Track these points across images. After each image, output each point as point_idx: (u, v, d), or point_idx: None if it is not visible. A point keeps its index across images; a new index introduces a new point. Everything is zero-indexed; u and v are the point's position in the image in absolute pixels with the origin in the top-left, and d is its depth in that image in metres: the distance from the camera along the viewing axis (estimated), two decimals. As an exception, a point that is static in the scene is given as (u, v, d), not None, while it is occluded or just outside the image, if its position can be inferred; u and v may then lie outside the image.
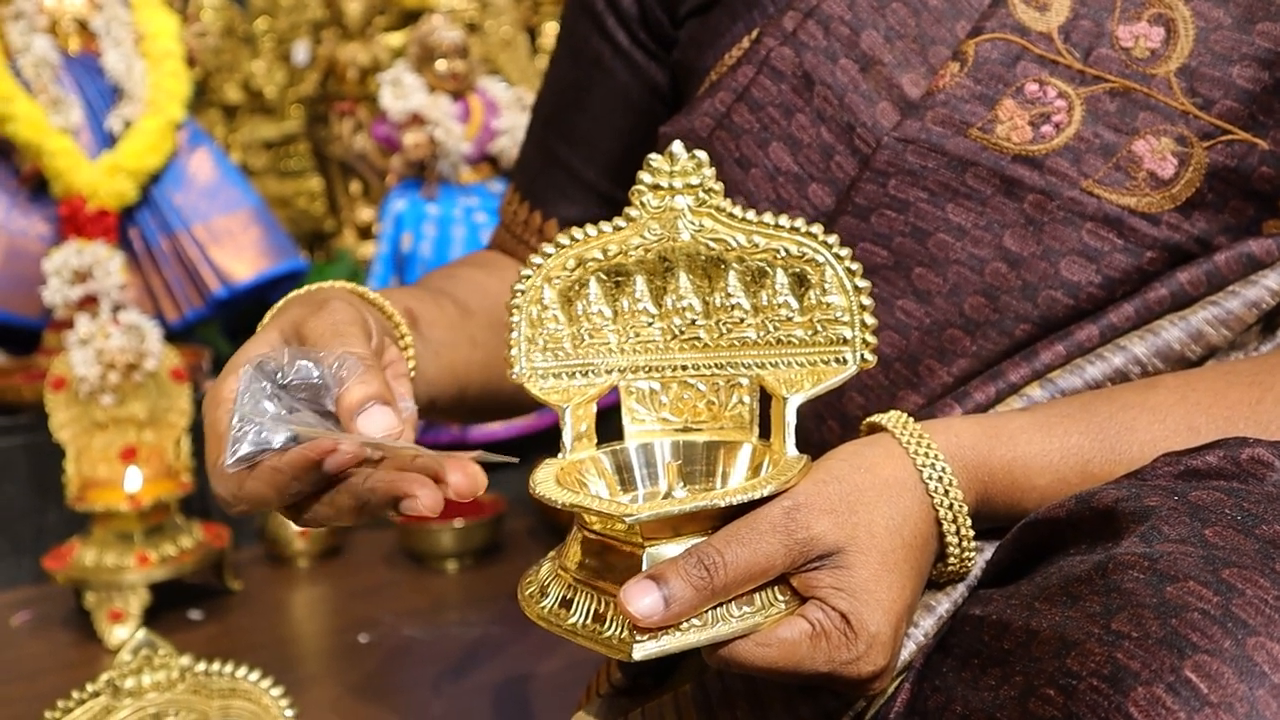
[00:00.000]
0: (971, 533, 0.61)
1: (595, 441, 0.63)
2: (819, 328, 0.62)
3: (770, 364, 0.63)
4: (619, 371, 0.64)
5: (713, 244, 0.62)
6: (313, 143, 3.06)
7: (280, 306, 0.70)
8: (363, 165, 2.82)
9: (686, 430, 0.65)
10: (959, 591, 0.64)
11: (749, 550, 0.54)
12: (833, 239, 0.61)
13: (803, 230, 0.61)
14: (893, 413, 0.64)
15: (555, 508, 0.56)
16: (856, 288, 0.61)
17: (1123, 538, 0.53)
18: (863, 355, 0.61)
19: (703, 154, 0.62)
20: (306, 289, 0.72)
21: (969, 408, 0.71)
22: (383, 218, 2.25)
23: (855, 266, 0.61)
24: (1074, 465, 0.63)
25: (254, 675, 1.00)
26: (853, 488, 0.58)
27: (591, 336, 0.64)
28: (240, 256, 2.25)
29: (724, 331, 0.64)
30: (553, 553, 0.62)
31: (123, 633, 1.60)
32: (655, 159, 0.62)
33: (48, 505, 1.86)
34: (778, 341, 0.63)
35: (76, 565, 1.63)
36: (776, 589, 0.57)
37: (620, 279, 0.64)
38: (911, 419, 0.63)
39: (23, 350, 2.09)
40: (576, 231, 0.62)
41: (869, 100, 0.74)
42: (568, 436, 0.61)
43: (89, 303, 1.88)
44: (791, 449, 0.60)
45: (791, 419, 0.61)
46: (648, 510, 0.53)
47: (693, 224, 0.62)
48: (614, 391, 0.65)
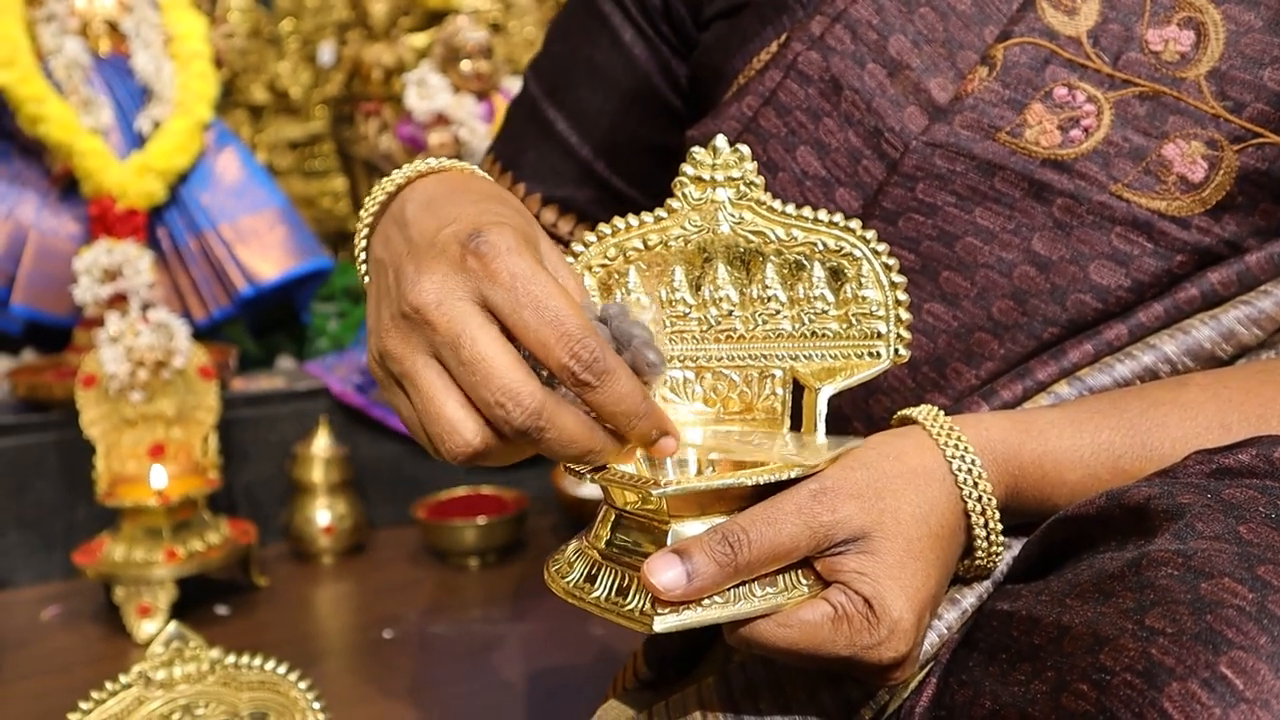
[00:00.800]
0: (1000, 527, 0.62)
1: None
2: (854, 321, 0.63)
3: (804, 356, 0.64)
4: None
5: (751, 236, 0.63)
6: (338, 143, 3.07)
7: (484, 195, 0.64)
8: (388, 165, 2.83)
9: (719, 420, 0.65)
10: (984, 586, 0.65)
11: (774, 530, 0.55)
12: (870, 234, 0.62)
13: (841, 224, 0.62)
14: (924, 406, 0.65)
15: (578, 505, 0.57)
16: (893, 283, 0.62)
17: (1156, 535, 0.53)
18: (897, 350, 0.62)
19: (745, 148, 0.63)
20: (471, 176, 0.69)
21: (996, 405, 0.71)
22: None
23: (892, 262, 0.62)
24: (1105, 461, 0.63)
25: (283, 668, 1.01)
26: (880, 474, 0.59)
27: None
28: (266, 256, 2.27)
29: (759, 323, 0.64)
30: (581, 533, 0.63)
31: (151, 627, 1.62)
32: (698, 152, 0.63)
33: (78, 501, 1.88)
34: (812, 334, 0.64)
35: (106, 560, 1.65)
36: (800, 572, 0.57)
37: (659, 268, 0.65)
38: (942, 412, 0.64)
39: (53, 348, 2.11)
40: (619, 221, 0.63)
41: (897, 105, 0.74)
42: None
43: (119, 301, 1.90)
44: (822, 438, 0.61)
45: (823, 408, 0.62)
46: (675, 485, 0.54)
47: (732, 216, 0.63)
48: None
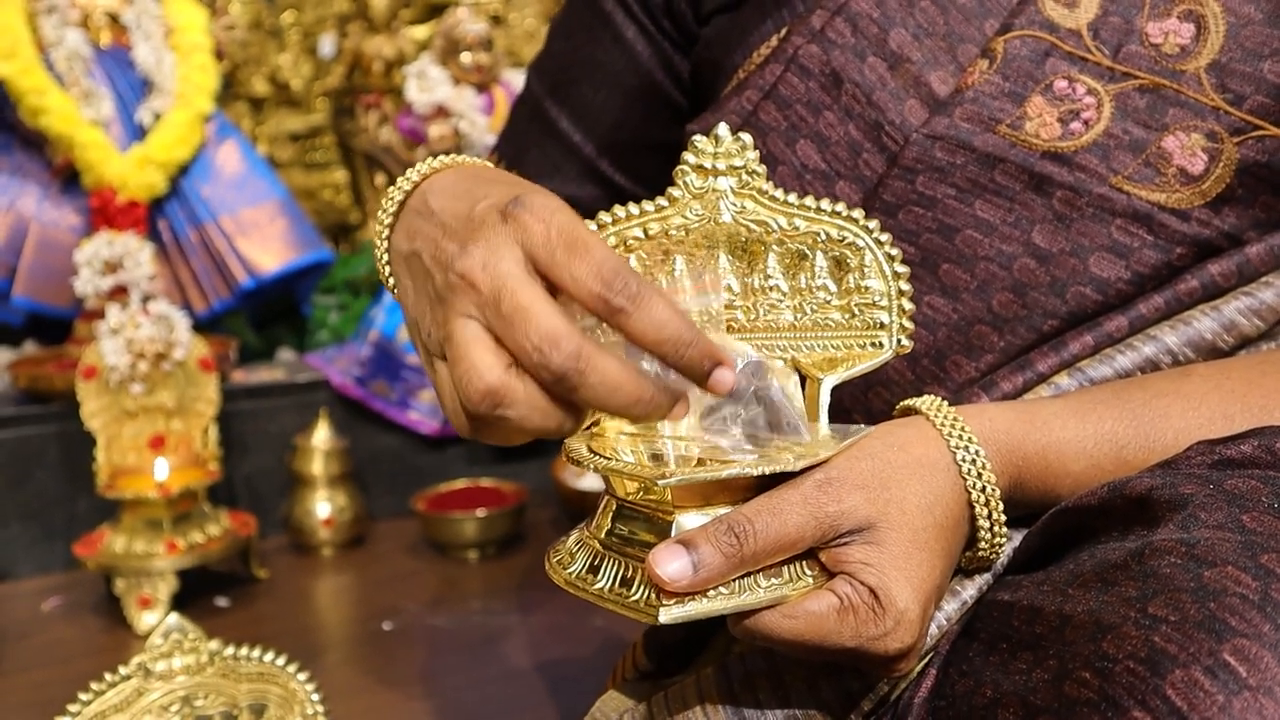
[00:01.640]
0: (1004, 518, 0.62)
1: None
2: (856, 311, 0.63)
3: (806, 346, 0.64)
4: None
5: (753, 226, 0.63)
6: (338, 135, 3.07)
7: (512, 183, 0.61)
8: (388, 157, 2.83)
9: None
10: (984, 578, 0.65)
11: (779, 520, 0.54)
12: (873, 224, 0.62)
13: (844, 214, 0.62)
14: (927, 396, 0.65)
15: (578, 497, 0.57)
16: (895, 273, 0.62)
17: (1159, 525, 0.53)
18: (899, 340, 0.62)
19: (747, 136, 0.62)
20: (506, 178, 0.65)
21: (996, 397, 0.71)
22: (407, 210, 2.25)
23: (895, 252, 0.62)
24: (1108, 452, 0.63)
25: (281, 660, 1.02)
26: (885, 465, 0.59)
27: None
28: (267, 248, 2.26)
29: (761, 313, 0.64)
30: (582, 524, 0.63)
31: (151, 618, 1.62)
32: (700, 140, 0.62)
33: (78, 493, 1.89)
34: (814, 324, 0.64)
35: (106, 552, 1.65)
36: (805, 563, 0.57)
37: (660, 258, 0.64)
38: (945, 403, 0.64)
39: (54, 340, 2.11)
40: (619, 209, 0.63)
41: (897, 98, 0.74)
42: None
43: (119, 293, 1.90)
44: (825, 428, 0.60)
45: (825, 399, 0.61)
46: (679, 475, 0.54)
47: (734, 205, 0.62)
48: None
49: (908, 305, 0.62)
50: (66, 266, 1.97)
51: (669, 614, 0.54)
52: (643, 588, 0.55)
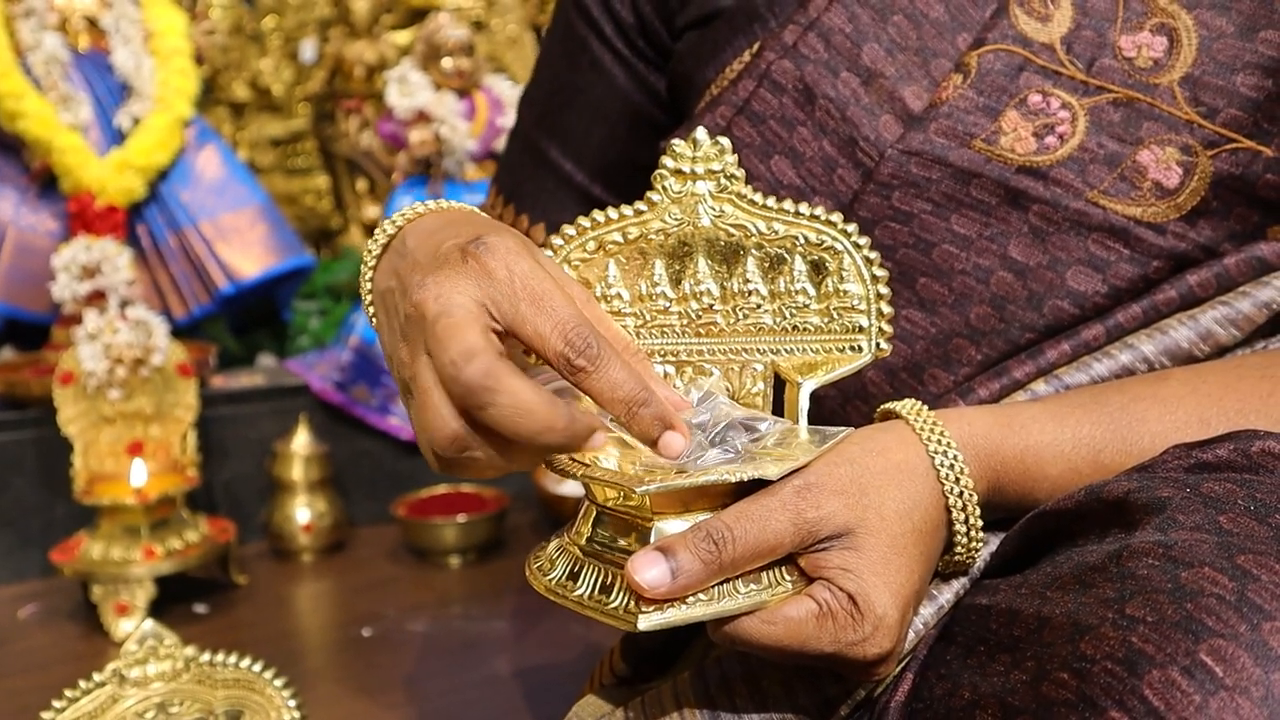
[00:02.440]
0: (980, 523, 0.62)
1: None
2: (835, 315, 0.63)
3: (785, 350, 0.64)
4: None
5: (732, 230, 0.63)
6: (320, 140, 3.07)
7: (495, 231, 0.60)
8: (369, 162, 2.83)
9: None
10: (961, 583, 0.65)
11: (758, 527, 0.54)
12: (852, 227, 0.62)
13: (822, 218, 0.62)
14: (907, 400, 0.65)
15: (559, 503, 0.57)
16: (874, 276, 0.62)
17: (1137, 528, 0.53)
18: (878, 344, 0.62)
19: (725, 140, 0.62)
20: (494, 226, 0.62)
21: (972, 403, 0.71)
22: (388, 214, 2.25)
23: (873, 255, 0.62)
24: (1086, 455, 0.64)
25: (258, 666, 1.01)
26: (864, 470, 0.59)
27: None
28: (247, 253, 2.26)
29: (740, 317, 0.64)
30: (562, 530, 0.63)
31: (129, 625, 1.61)
32: (678, 144, 0.62)
33: (55, 499, 1.87)
34: (793, 328, 0.64)
35: (83, 558, 1.64)
36: (784, 568, 0.57)
37: (639, 262, 0.64)
38: (925, 407, 0.64)
39: (31, 345, 2.10)
40: (598, 214, 0.63)
41: (871, 113, 0.74)
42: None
43: (97, 298, 1.89)
44: (804, 432, 0.60)
45: (804, 404, 0.61)
46: (657, 483, 0.53)
47: (713, 209, 0.62)
48: None
49: (886, 309, 0.62)
50: (44, 271, 1.96)
51: (648, 621, 0.54)
52: (622, 594, 0.55)
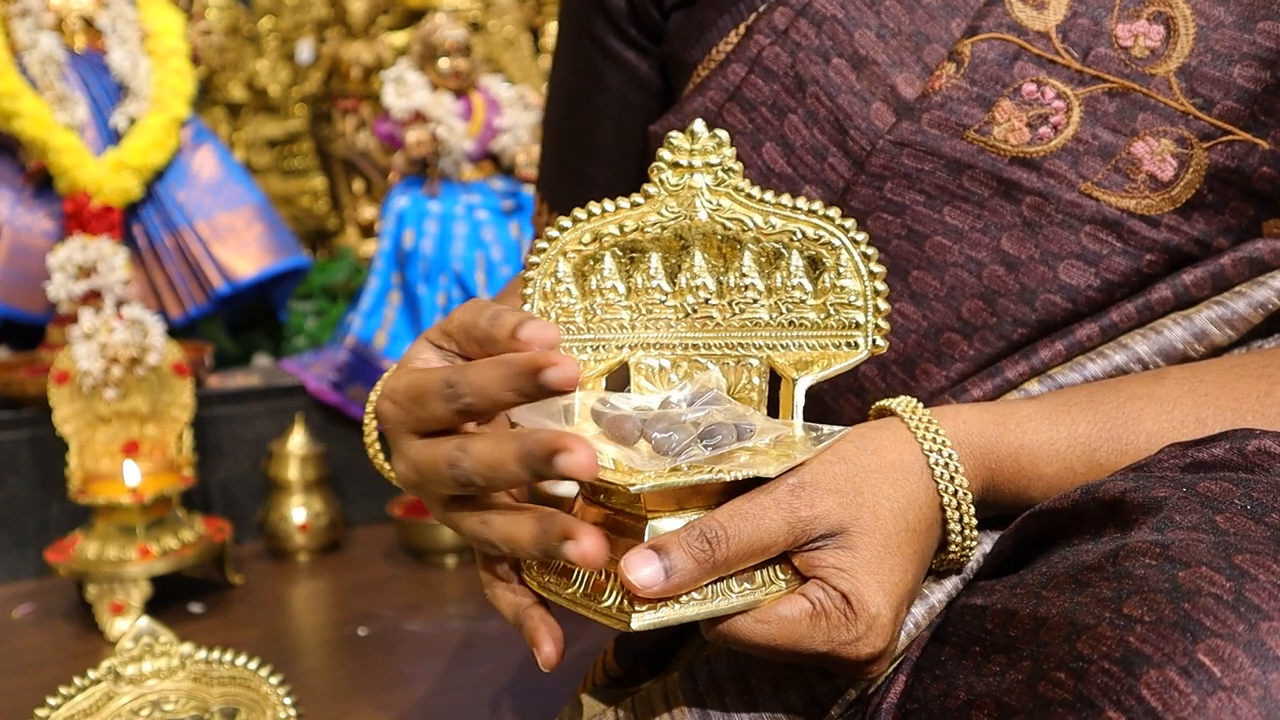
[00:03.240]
0: (974, 521, 0.61)
1: None
2: (832, 311, 0.62)
3: (781, 345, 0.63)
4: (630, 347, 0.64)
5: (729, 224, 0.62)
6: (316, 141, 3.07)
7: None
8: (365, 163, 2.83)
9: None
10: (953, 582, 0.64)
11: (752, 525, 0.54)
12: (849, 223, 0.61)
13: (820, 213, 0.61)
14: (902, 398, 0.64)
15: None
16: (871, 272, 0.61)
17: (1133, 528, 0.53)
18: (875, 340, 0.61)
19: (723, 133, 0.61)
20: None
21: (966, 403, 0.70)
22: (385, 215, 2.25)
23: (871, 251, 0.61)
24: (1081, 454, 0.63)
25: (254, 664, 1.01)
26: (859, 469, 0.58)
27: (604, 312, 0.63)
28: (243, 253, 2.26)
29: (736, 311, 0.63)
30: None
31: (124, 625, 1.61)
32: (675, 137, 0.61)
33: (51, 499, 1.87)
34: (790, 324, 0.63)
35: (79, 558, 1.64)
36: (778, 567, 0.57)
37: (635, 255, 0.63)
38: (920, 404, 0.63)
39: (27, 345, 2.10)
40: (594, 206, 0.62)
41: (863, 101, 0.73)
42: (576, 411, 0.61)
43: (93, 298, 1.89)
44: (800, 430, 0.60)
45: (800, 400, 0.61)
46: (651, 481, 0.53)
47: (710, 203, 0.62)
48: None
49: (883, 305, 0.61)
50: (40, 271, 1.96)
51: (641, 620, 0.53)
52: (615, 593, 0.55)
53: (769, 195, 0.61)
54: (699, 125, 0.61)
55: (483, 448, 0.53)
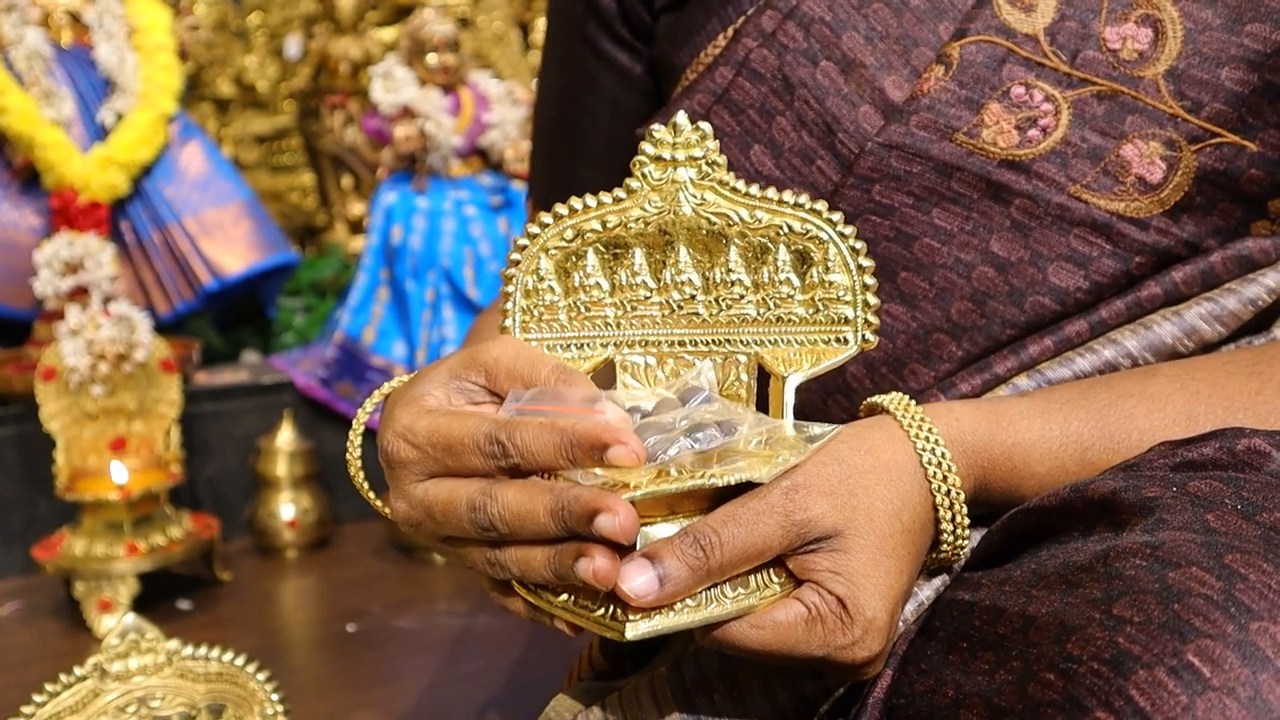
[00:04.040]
0: (967, 520, 0.61)
1: None
2: (820, 306, 0.61)
3: (769, 342, 0.62)
4: (614, 345, 0.63)
5: (714, 218, 0.60)
6: (305, 137, 3.06)
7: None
8: (354, 158, 2.82)
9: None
10: (941, 578, 0.64)
11: (746, 530, 0.53)
12: (837, 216, 0.60)
13: (807, 207, 0.60)
14: (894, 394, 0.63)
15: None
16: (860, 267, 0.60)
17: (1125, 529, 0.53)
18: (864, 335, 0.60)
19: (707, 126, 0.60)
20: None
21: (954, 397, 0.70)
22: (373, 211, 2.25)
23: (859, 245, 0.60)
24: (1073, 452, 0.63)
25: (241, 660, 1.01)
26: (852, 470, 0.57)
27: (588, 309, 0.62)
28: (231, 249, 2.25)
29: (723, 307, 0.62)
30: None
31: (112, 622, 1.60)
32: (658, 130, 0.60)
33: (38, 496, 1.86)
34: (777, 319, 0.62)
35: (66, 555, 1.63)
36: (771, 571, 0.56)
37: (619, 251, 0.62)
38: (913, 401, 0.62)
39: (13, 341, 2.09)
40: (575, 202, 0.60)
41: (851, 104, 0.73)
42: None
43: (80, 294, 1.88)
44: (789, 428, 0.59)
45: (790, 398, 0.60)
46: (643, 489, 0.51)
47: (694, 197, 0.60)
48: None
49: (872, 300, 0.60)
50: (26, 267, 1.95)
51: (635, 629, 0.52)
52: (608, 602, 0.54)
53: (754, 189, 0.60)
54: (682, 118, 0.59)
55: (512, 497, 0.52)
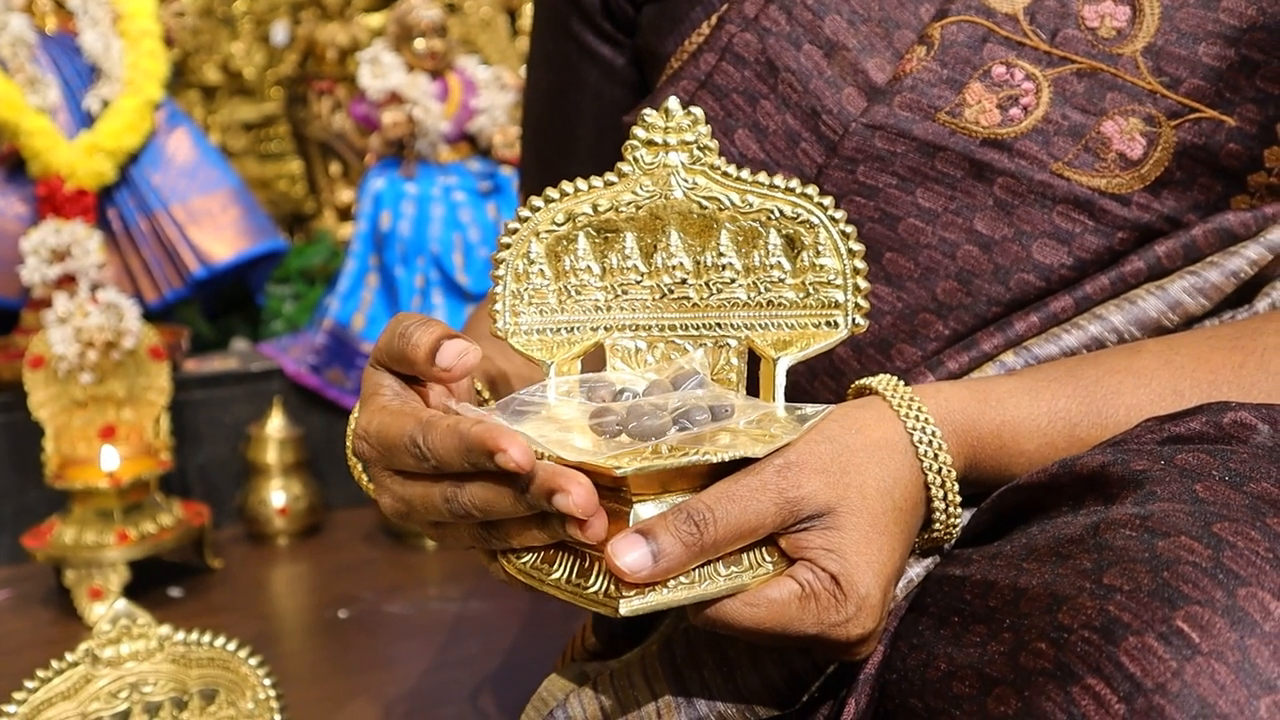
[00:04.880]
0: (958, 499, 0.61)
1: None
2: (811, 290, 0.61)
3: (760, 326, 0.62)
4: (605, 329, 0.63)
5: (705, 202, 0.61)
6: (292, 123, 3.05)
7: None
8: (342, 145, 2.81)
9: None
10: (932, 557, 0.64)
11: (739, 507, 0.53)
12: (828, 200, 0.60)
13: (797, 191, 0.60)
14: (882, 376, 0.64)
15: None
16: (850, 250, 0.60)
17: (1115, 501, 0.53)
18: (854, 319, 0.60)
19: (698, 110, 0.60)
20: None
21: (942, 376, 0.71)
22: (361, 197, 2.24)
23: (849, 229, 0.60)
24: (1061, 429, 0.63)
25: (233, 645, 1.01)
26: (844, 448, 0.58)
27: (578, 293, 0.62)
28: (219, 237, 2.24)
29: (714, 291, 0.62)
30: None
31: (102, 610, 1.60)
32: (650, 114, 0.60)
33: (27, 484, 1.86)
34: (768, 303, 0.62)
35: (56, 543, 1.63)
36: (764, 549, 0.56)
37: (610, 235, 0.62)
38: (901, 382, 0.63)
39: (1, 330, 2.08)
40: (566, 185, 0.60)
41: (834, 86, 0.74)
42: (552, 393, 0.60)
43: (67, 282, 1.88)
44: (781, 410, 0.59)
45: (781, 380, 0.60)
46: (636, 464, 0.51)
47: (686, 181, 0.60)
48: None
49: (863, 284, 0.60)
50: (13, 255, 1.94)
51: (629, 606, 0.52)
52: (601, 578, 0.54)
53: (745, 173, 0.60)
54: (673, 103, 0.60)
55: (476, 491, 0.54)
